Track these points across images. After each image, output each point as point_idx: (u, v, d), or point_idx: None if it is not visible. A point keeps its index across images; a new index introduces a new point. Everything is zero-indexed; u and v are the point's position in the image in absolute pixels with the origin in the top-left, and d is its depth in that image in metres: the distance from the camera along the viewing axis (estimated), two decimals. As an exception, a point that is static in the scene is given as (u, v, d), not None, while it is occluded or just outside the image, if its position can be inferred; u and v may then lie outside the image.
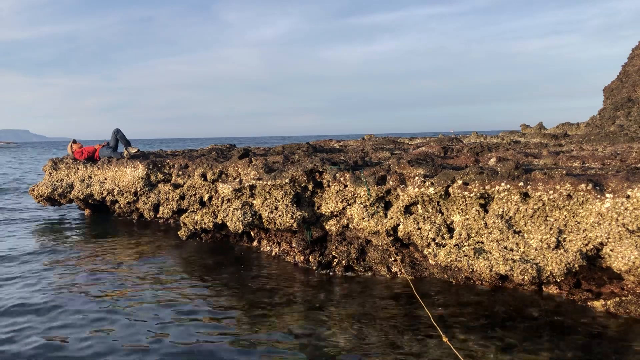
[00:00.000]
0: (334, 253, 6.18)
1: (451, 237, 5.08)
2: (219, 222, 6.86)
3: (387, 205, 5.75)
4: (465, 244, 4.95)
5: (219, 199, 7.05)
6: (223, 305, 4.74)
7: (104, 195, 9.54)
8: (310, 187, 6.33)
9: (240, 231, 6.54)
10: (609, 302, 4.40)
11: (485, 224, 4.88)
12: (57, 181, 10.04)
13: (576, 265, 4.29)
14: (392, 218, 5.53)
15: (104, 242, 7.59)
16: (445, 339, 3.59)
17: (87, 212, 10.49)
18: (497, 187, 4.83)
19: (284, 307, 4.67)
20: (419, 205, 5.42)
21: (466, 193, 4.98)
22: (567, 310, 4.48)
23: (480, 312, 4.45)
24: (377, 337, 3.96)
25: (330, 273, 5.77)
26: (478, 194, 4.92)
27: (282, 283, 5.42)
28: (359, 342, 3.89)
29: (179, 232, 7.35)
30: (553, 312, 4.44)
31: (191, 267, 6.16)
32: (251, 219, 6.41)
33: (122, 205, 9.53)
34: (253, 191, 6.58)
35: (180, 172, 8.80)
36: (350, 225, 6.03)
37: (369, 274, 5.71)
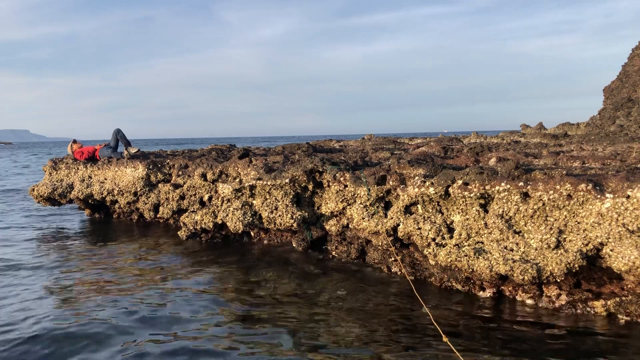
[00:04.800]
0: (334, 253, 6.18)
1: (451, 237, 5.08)
2: (219, 222, 6.86)
3: (387, 205, 5.75)
4: (465, 244, 4.94)
5: (219, 199, 7.05)
6: (224, 300, 4.75)
7: (104, 195, 9.54)
8: (310, 187, 6.34)
9: (240, 231, 6.54)
10: (609, 302, 4.40)
11: (485, 224, 4.88)
12: (57, 181, 10.04)
13: (576, 265, 4.29)
14: (392, 218, 5.53)
15: (103, 242, 7.59)
16: (445, 339, 3.59)
17: (87, 212, 10.49)
18: (497, 187, 4.83)
19: (283, 299, 4.68)
20: (419, 205, 5.41)
21: (466, 193, 4.98)
22: (567, 313, 4.48)
23: (480, 312, 4.45)
24: (378, 335, 3.96)
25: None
26: (478, 194, 4.92)
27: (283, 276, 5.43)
28: (359, 339, 3.89)
29: (178, 232, 7.35)
30: (552, 315, 4.44)
31: (191, 264, 6.15)
32: (251, 219, 6.41)
33: (122, 205, 9.53)
34: (253, 191, 6.58)
35: (180, 172, 8.80)
36: (350, 225, 6.03)
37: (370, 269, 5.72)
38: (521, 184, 4.72)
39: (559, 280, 4.43)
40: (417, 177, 5.50)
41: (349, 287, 5.23)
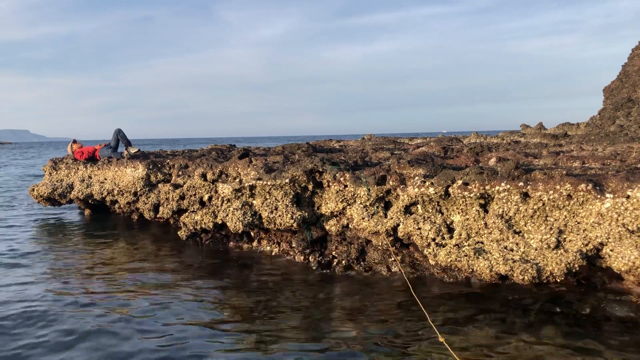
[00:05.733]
0: (334, 253, 6.17)
1: (451, 237, 5.08)
2: (219, 222, 6.86)
3: (387, 205, 5.75)
4: (465, 244, 4.94)
5: (219, 199, 7.05)
6: (224, 303, 4.74)
7: (104, 196, 9.54)
8: (310, 187, 6.34)
9: (240, 231, 6.54)
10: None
11: (485, 224, 4.88)
12: (57, 181, 10.04)
13: (576, 265, 4.29)
14: (392, 218, 5.53)
15: (103, 243, 7.59)
16: (442, 339, 3.59)
17: (87, 212, 10.49)
18: (497, 187, 4.83)
19: (284, 304, 4.68)
20: (419, 205, 5.41)
21: (466, 193, 4.98)
22: (567, 302, 4.48)
23: (479, 312, 4.45)
24: (376, 337, 3.96)
25: (329, 272, 5.77)
26: (478, 194, 4.92)
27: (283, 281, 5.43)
28: (356, 341, 3.89)
29: (178, 232, 7.35)
30: (552, 305, 4.44)
31: (191, 265, 6.15)
32: (251, 219, 6.41)
33: (122, 205, 9.53)
34: (253, 191, 6.58)
35: (180, 172, 8.80)
36: (350, 225, 6.02)
37: (369, 273, 5.71)
38: (521, 184, 4.72)
39: (558, 280, 4.44)
40: (417, 177, 5.50)
41: (348, 289, 5.23)
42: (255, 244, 7.10)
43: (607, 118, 15.15)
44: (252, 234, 7.16)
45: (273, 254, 6.64)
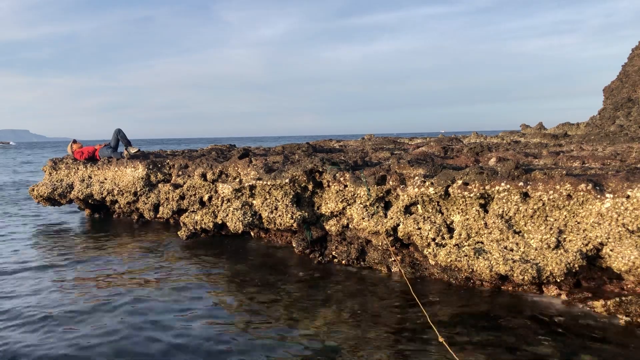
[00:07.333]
0: (334, 253, 6.17)
1: (451, 237, 5.08)
2: (219, 222, 6.86)
3: (387, 205, 5.75)
4: (465, 244, 4.94)
5: (219, 199, 7.05)
6: (224, 302, 4.74)
7: (104, 195, 9.54)
8: (310, 187, 6.33)
9: (240, 231, 6.54)
10: (609, 302, 4.39)
11: (485, 224, 4.88)
12: (57, 181, 10.04)
13: (576, 265, 4.29)
14: (392, 218, 5.53)
15: (103, 242, 7.59)
16: (441, 339, 3.59)
17: (87, 212, 10.49)
18: (497, 187, 4.83)
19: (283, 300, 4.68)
20: (419, 205, 5.41)
21: (466, 193, 4.98)
22: (567, 311, 4.48)
23: (479, 313, 4.45)
24: (375, 336, 3.96)
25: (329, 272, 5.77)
26: (478, 194, 4.92)
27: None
28: (355, 341, 3.89)
29: (178, 232, 7.35)
30: (552, 313, 4.44)
31: (191, 265, 6.15)
32: (251, 219, 6.41)
33: (122, 205, 9.53)
34: (253, 191, 6.58)
35: (180, 172, 8.80)
36: (350, 225, 6.02)
37: (369, 273, 5.71)
38: (521, 184, 4.72)
39: (558, 280, 4.43)
40: (417, 177, 5.50)
41: (348, 289, 5.23)
42: (255, 244, 7.10)
43: (607, 118, 15.15)
44: (252, 233, 7.16)
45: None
